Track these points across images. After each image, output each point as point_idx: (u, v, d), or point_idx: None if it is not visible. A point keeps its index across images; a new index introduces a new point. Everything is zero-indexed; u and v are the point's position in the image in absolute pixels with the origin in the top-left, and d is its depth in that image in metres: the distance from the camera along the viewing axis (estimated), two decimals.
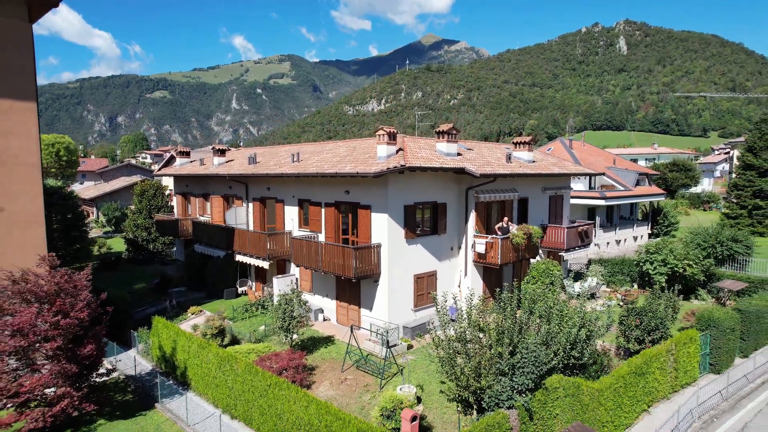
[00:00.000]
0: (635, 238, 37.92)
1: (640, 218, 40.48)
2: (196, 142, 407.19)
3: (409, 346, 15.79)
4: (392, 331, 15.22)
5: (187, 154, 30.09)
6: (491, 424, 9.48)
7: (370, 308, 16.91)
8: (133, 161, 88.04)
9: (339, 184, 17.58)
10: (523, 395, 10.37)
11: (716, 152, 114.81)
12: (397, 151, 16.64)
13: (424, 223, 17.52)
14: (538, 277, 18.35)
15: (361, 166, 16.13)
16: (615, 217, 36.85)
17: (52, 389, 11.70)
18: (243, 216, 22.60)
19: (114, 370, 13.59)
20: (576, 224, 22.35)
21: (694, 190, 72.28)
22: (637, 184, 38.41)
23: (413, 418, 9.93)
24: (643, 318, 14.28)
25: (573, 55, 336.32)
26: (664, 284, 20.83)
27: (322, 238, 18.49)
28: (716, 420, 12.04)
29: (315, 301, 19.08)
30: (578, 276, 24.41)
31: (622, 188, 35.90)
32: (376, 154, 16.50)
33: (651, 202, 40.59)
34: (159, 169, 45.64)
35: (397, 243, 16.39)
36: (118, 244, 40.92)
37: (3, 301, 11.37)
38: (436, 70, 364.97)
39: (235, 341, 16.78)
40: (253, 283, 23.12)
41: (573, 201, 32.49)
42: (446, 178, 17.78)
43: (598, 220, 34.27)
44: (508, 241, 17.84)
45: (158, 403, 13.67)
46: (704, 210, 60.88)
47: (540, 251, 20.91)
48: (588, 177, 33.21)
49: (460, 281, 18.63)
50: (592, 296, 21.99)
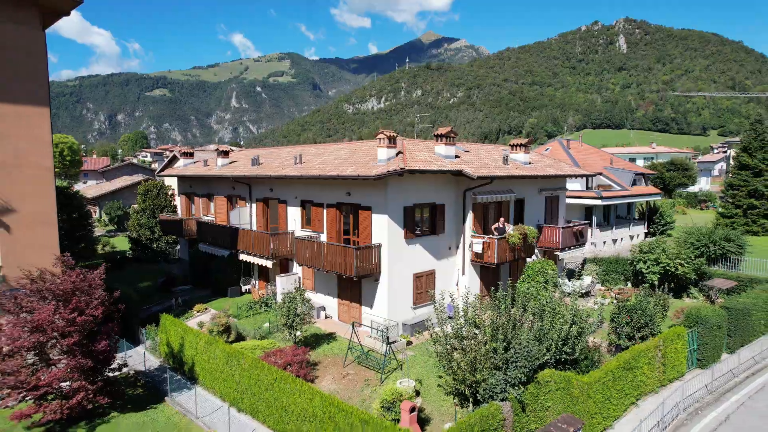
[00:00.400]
0: (631, 237, 38.43)
1: (637, 218, 41.00)
2: (196, 141, 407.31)
3: (409, 343, 16.38)
4: (392, 328, 15.80)
5: (190, 155, 30.61)
6: (485, 415, 10.07)
7: (371, 306, 17.49)
8: (135, 160, 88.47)
9: (340, 186, 18.13)
10: (516, 388, 10.95)
11: (715, 151, 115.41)
12: (397, 154, 17.20)
13: (423, 223, 18.08)
14: (534, 275, 18.93)
15: (362, 168, 16.68)
16: (612, 217, 37.35)
17: (68, 383, 12.29)
18: (246, 216, 23.16)
19: (125, 365, 14.16)
20: (571, 224, 22.93)
21: (692, 189, 72.84)
22: (634, 183, 38.95)
23: (412, 409, 10.53)
24: (633, 315, 14.86)
25: (573, 54, 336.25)
26: (656, 283, 21.47)
27: (324, 238, 19.05)
28: (701, 412, 12.64)
29: (317, 299, 19.65)
30: (574, 274, 24.98)
31: (619, 188, 36.39)
32: (377, 156, 17.08)
33: (647, 202, 41.12)
34: (162, 169, 46.21)
35: (397, 243, 16.95)
36: (121, 243, 41.47)
37: (21, 299, 11.94)
38: (435, 69, 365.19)
39: (240, 338, 17.38)
40: (257, 282, 23.69)
41: (570, 201, 32.99)
42: (444, 180, 18.34)
43: (594, 219, 34.77)
44: (505, 241, 18.41)
45: (168, 397, 14.24)
46: (701, 209, 61.28)
47: (536, 250, 21.48)
48: (585, 177, 33.73)
49: (458, 280, 19.20)
50: (587, 294, 22.58)
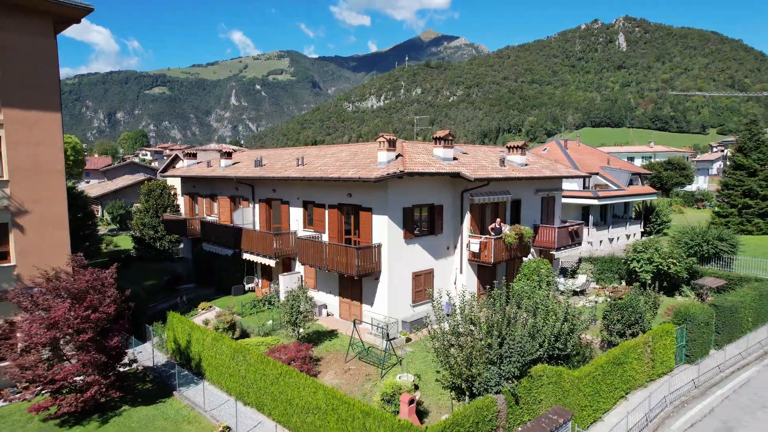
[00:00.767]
0: (628, 237, 38.99)
1: (633, 217, 41.57)
2: (195, 139, 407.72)
3: (408, 339, 16.95)
4: (392, 325, 16.39)
5: (193, 156, 31.14)
6: (480, 407, 10.63)
7: (371, 304, 18.06)
8: (137, 160, 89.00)
9: (342, 188, 18.67)
10: (510, 382, 11.51)
11: (714, 149, 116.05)
12: (397, 157, 17.74)
13: (422, 224, 18.63)
14: (529, 274, 19.49)
15: (362, 171, 17.22)
16: (608, 216, 37.89)
17: (81, 377, 12.85)
18: (249, 216, 23.69)
19: (135, 361, 14.73)
20: (567, 224, 23.49)
21: (689, 188, 73.41)
22: (630, 183, 39.49)
23: (411, 401, 11.10)
24: (624, 313, 15.44)
25: (572, 52, 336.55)
26: (649, 281, 22.04)
27: (325, 237, 19.61)
28: (687, 405, 13.21)
29: (319, 297, 20.20)
30: (570, 273, 25.55)
31: (616, 188, 36.93)
32: (377, 159, 17.61)
33: (644, 201, 41.69)
34: (164, 169, 46.74)
35: (397, 243, 17.50)
36: (124, 242, 42.01)
37: (37, 297, 12.50)
38: (435, 67, 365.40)
39: (244, 335, 17.94)
40: (260, 280, 24.25)
41: (567, 200, 33.55)
42: (443, 182, 18.89)
43: (591, 218, 35.32)
44: (501, 241, 18.97)
45: (176, 391, 14.81)
46: (698, 208, 61.75)
47: (532, 250, 22.04)
48: (581, 177, 34.27)
49: (456, 278, 19.76)
50: (582, 293, 23.15)
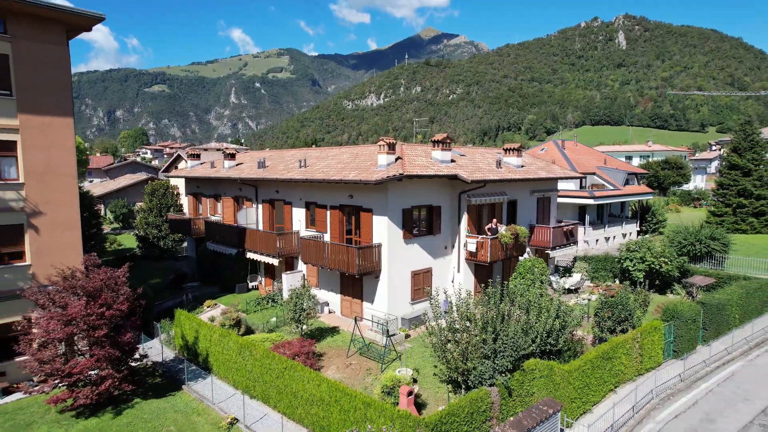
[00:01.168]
0: (624, 236, 39.63)
1: (630, 216, 42.19)
2: (195, 137, 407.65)
3: (407, 335, 17.61)
4: (392, 321, 17.03)
5: (197, 157, 31.73)
6: (475, 399, 11.27)
7: (372, 301, 18.70)
8: (138, 159, 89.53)
9: (343, 189, 19.29)
10: (503, 375, 12.15)
11: (713, 148, 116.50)
12: (396, 160, 18.35)
13: (421, 224, 19.26)
14: (525, 273, 20.13)
15: (363, 173, 17.84)
16: (605, 216, 38.51)
17: (95, 371, 13.48)
18: (253, 216, 24.31)
19: (146, 356, 15.36)
20: (562, 224, 24.12)
21: (687, 187, 74.05)
22: (627, 183, 40.08)
23: (409, 393, 11.75)
24: (614, 310, 16.08)
25: (572, 50, 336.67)
26: (642, 280, 22.69)
27: (327, 237, 20.24)
28: (672, 398, 13.87)
29: (321, 295, 20.85)
30: (564, 271, 26.20)
31: (612, 188, 37.55)
32: (377, 161, 18.21)
33: (640, 201, 42.31)
34: (166, 168, 47.33)
35: (396, 243, 18.14)
36: (127, 240, 42.62)
37: (54, 295, 13.13)
38: (435, 65, 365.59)
39: (249, 331, 18.58)
40: (263, 279, 24.88)
41: (564, 200, 34.18)
42: (441, 184, 19.51)
43: (588, 218, 35.97)
44: (497, 241, 19.61)
45: (185, 385, 15.44)
46: (695, 207, 62.36)
47: (528, 249, 22.69)
48: (577, 178, 34.86)
49: (454, 277, 20.41)
50: (577, 291, 23.80)
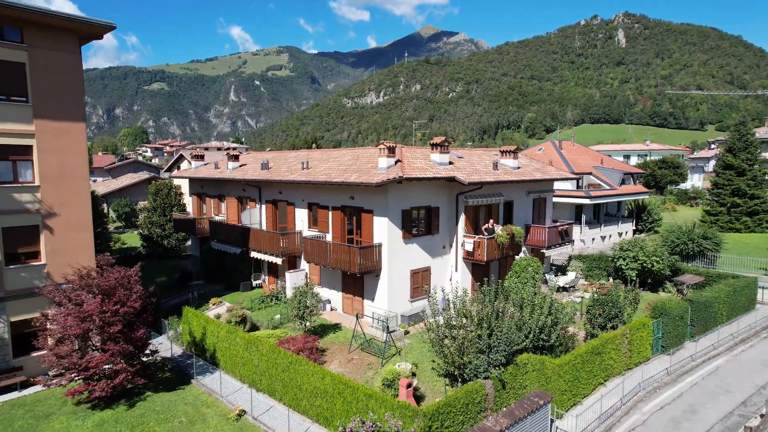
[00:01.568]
0: (620, 234, 40.28)
1: (626, 215, 42.87)
2: (194, 135, 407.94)
3: (406, 332, 18.31)
4: (392, 318, 17.73)
5: (201, 158, 32.36)
6: (470, 391, 11.97)
7: (372, 299, 19.39)
8: (140, 158, 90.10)
9: (345, 191, 19.95)
10: (497, 369, 12.84)
11: (712, 146, 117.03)
12: (396, 162, 19.01)
13: (420, 224, 19.93)
14: (520, 271, 20.82)
15: (364, 176, 18.49)
16: (601, 215, 39.18)
17: (109, 365, 14.15)
18: (256, 216, 24.97)
19: (156, 351, 16.04)
20: (557, 224, 24.80)
21: (684, 186, 74.69)
22: (623, 183, 40.72)
23: (408, 385, 12.44)
24: (605, 307, 16.77)
25: (572, 48, 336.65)
26: (635, 278, 23.37)
27: (329, 237, 20.90)
28: (659, 391, 14.57)
29: (323, 293, 21.51)
30: (559, 270, 26.90)
31: (608, 187, 38.19)
32: (378, 164, 18.87)
33: (636, 200, 42.97)
34: (169, 168, 47.93)
35: (396, 243, 18.81)
36: (131, 239, 43.28)
37: (70, 293, 13.80)
38: (434, 63, 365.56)
39: (254, 328, 19.27)
40: (266, 277, 25.56)
41: (561, 200, 34.83)
42: (439, 185, 20.17)
43: (584, 217, 36.64)
44: (494, 241, 20.28)
45: (193, 379, 16.14)
46: (691, 206, 62.93)
47: (524, 248, 23.36)
48: (571, 178, 35.47)
49: (451, 276, 21.09)
50: (572, 289, 24.49)
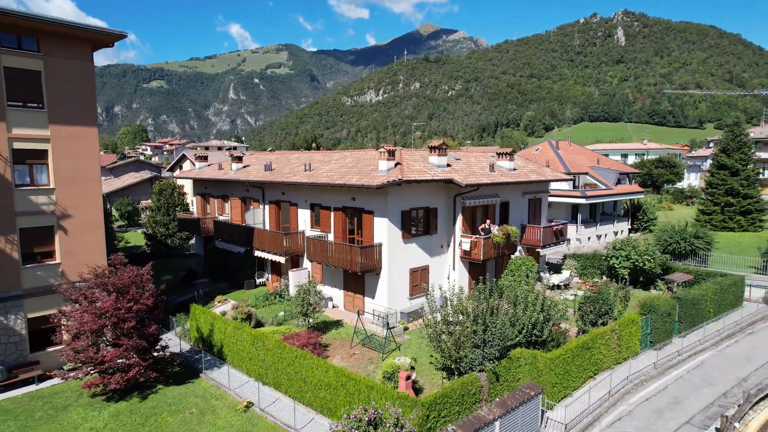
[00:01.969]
0: (615, 234, 41.03)
1: (622, 214, 43.59)
2: (194, 133, 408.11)
3: (405, 328, 19.05)
4: (391, 315, 18.47)
5: (205, 159, 33.01)
6: (465, 383, 12.70)
7: (373, 297, 20.12)
8: (142, 157, 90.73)
9: (346, 192, 20.66)
10: (492, 362, 13.58)
11: (710, 145, 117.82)
12: (396, 165, 19.71)
13: (419, 224, 20.65)
14: (515, 270, 21.56)
15: (365, 178, 19.19)
16: (597, 214, 39.91)
17: (122, 360, 14.88)
18: (260, 217, 25.67)
19: (167, 347, 16.76)
20: (552, 224, 25.50)
21: (680, 185, 75.44)
22: (618, 182, 41.43)
23: (408, 377, 13.18)
24: (596, 304, 17.52)
25: (571, 46, 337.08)
26: (627, 277, 24.12)
27: (331, 237, 21.61)
28: (645, 383, 15.32)
29: (325, 290, 22.24)
30: (554, 268, 27.64)
31: (604, 187, 38.89)
32: (378, 167, 19.58)
33: (631, 199, 43.70)
34: (171, 168, 48.58)
35: (396, 242, 19.53)
36: (134, 238, 43.97)
37: (85, 290, 14.51)
38: (434, 61, 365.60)
39: (259, 324, 19.98)
40: (270, 276, 26.27)
41: (558, 199, 35.54)
42: (437, 187, 20.88)
43: (580, 216, 37.36)
44: (490, 240, 21.00)
45: (202, 373, 16.87)
46: (687, 205, 63.55)
47: (519, 248, 24.09)
48: (566, 179, 36.14)
49: (449, 274, 21.82)
50: (566, 287, 25.23)
